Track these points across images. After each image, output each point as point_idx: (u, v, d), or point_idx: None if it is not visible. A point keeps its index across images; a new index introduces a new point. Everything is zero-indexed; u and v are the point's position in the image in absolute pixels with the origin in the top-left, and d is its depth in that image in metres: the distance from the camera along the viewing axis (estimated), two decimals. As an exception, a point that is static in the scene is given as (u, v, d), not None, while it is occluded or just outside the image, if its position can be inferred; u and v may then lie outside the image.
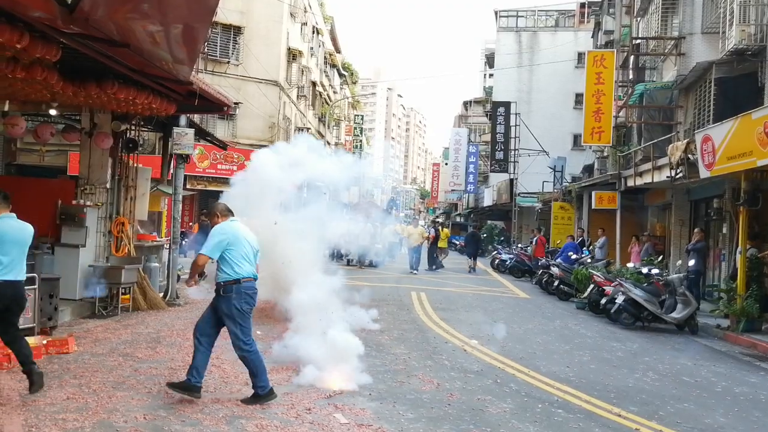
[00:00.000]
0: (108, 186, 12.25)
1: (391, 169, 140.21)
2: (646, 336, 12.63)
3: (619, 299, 13.50)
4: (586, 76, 26.06)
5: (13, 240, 6.12)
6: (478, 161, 54.27)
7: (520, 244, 32.80)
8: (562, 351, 10.47)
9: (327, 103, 47.21)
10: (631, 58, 25.14)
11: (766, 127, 11.33)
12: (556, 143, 40.11)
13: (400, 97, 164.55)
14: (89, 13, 6.26)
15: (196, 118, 13.96)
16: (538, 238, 25.55)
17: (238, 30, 29.82)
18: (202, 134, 15.53)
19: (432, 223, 32.03)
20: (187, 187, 22.74)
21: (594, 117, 25.34)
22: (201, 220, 20.21)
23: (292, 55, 33.29)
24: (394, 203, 74.67)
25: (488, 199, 47.57)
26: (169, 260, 13.42)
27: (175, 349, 8.71)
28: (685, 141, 15.87)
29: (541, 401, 7.25)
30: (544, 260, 21.79)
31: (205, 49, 27.21)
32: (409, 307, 14.22)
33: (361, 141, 60.73)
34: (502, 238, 41.36)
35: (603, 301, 14.19)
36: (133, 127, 12.94)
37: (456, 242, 40.24)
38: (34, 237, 6.50)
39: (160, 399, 6.39)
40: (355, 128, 59.33)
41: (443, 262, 27.35)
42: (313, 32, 39.66)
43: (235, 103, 13.46)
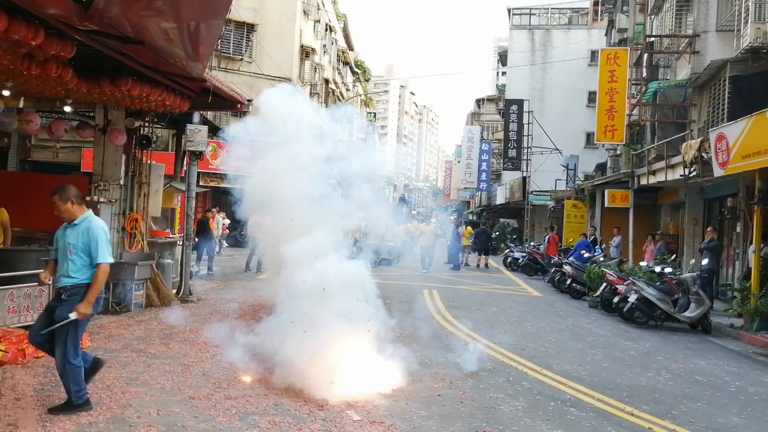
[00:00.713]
0: (121, 182, 12.32)
1: (404, 166, 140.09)
2: (659, 335, 12.57)
3: (632, 298, 13.45)
4: (599, 74, 25.96)
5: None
6: (490, 159, 54.13)
7: (532, 243, 32.69)
8: (575, 349, 10.44)
9: (340, 101, 47.22)
10: (645, 56, 24.99)
11: (782, 126, 11.26)
12: (569, 141, 39.95)
13: (413, 94, 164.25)
14: (104, 10, 6.29)
15: (210, 115, 13.99)
16: (550, 237, 25.48)
17: (251, 27, 29.90)
18: (215, 131, 15.59)
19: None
20: (200, 183, 22.82)
21: (607, 115, 25.25)
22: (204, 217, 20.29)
23: (305, 53, 33.33)
24: (404, 201, 74.37)
25: (501, 197, 47.43)
26: (182, 257, 13.48)
27: (188, 345, 8.75)
28: (699, 139, 15.77)
29: (554, 399, 7.23)
30: (556, 258, 21.73)
31: (219, 47, 27.30)
32: (421, 305, 14.21)
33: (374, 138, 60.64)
34: (515, 236, 41.24)
35: (615, 300, 14.14)
36: (147, 124, 13.00)
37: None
38: (47, 232, 6.53)
39: (174, 395, 6.42)
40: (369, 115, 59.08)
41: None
42: (326, 30, 39.67)
43: (248, 100, 13.46)
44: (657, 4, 23.73)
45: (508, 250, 29.58)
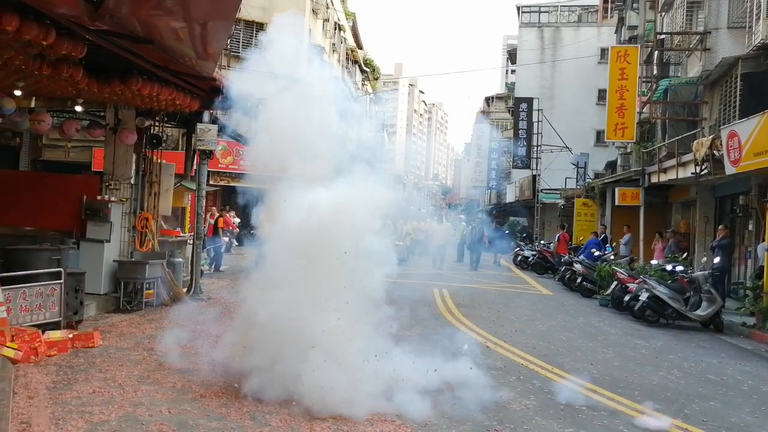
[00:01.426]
0: (132, 182, 12.37)
1: (413, 165, 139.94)
2: (670, 333, 12.51)
3: (643, 296, 13.38)
4: (609, 72, 25.87)
5: None
6: (500, 157, 54.03)
7: (542, 241, 32.57)
8: (586, 348, 10.40)
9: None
10: (655, 54, 24.84)
11: (795, 123, 11.17)
12: (579, 139, 39.83)
13: (422, 93, 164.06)
14: (114, 10, 6.33)
15: (220, 114, 14.02)
16: (561, 235, 25.39)
17: (260, 26, 29.90)
18: (225, 130, 15.60)
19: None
20: (210, 182, 22.87)
21: (617, 113, 25.15)
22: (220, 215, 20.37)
23: (314, 52, 33.36)
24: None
25: (510, 195, 47.33)
26: (193, 255, 13.52)
27: (198, 343, 8.76)
28: (711, 137, 15.68)
29: (565, 398, 7.19)
30: (567, 257, 21.66)
31: (228, 46, 27.33)
32: (431, 304, 14.19)
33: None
34: (525, 235, 41.13)
35: (626, 298, 14.07)
36: (157, 123, 13.04)
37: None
38: (59, 232, 6.56)
39: (185, 393, 6.44)
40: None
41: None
42: (335, 29, 39.66)
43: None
44: (668, 1, 23.61)
45: (518, 249, 29.50)
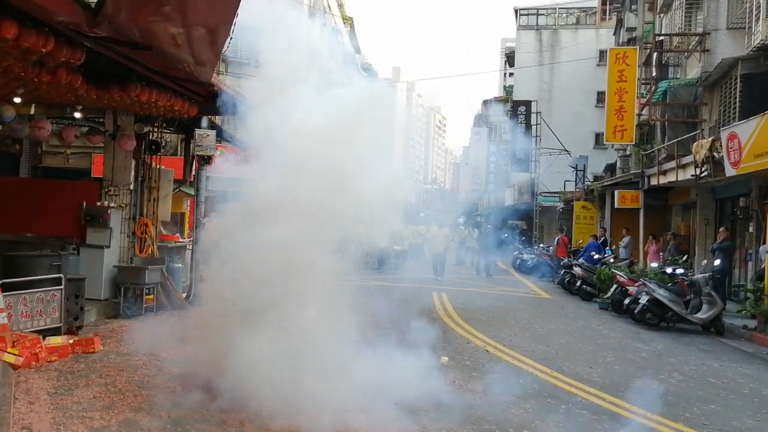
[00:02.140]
0: (131, 187, 12.36)
1: (411, 169, 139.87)
2: (670, 337, 12.50)
3: (643, 299, 13.37)
4: (608, 74, 25.84)
5: None
6: (498, 161, 53.98)
7: (541, 245, 32.55)
8: (586, 351, 10.39)
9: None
10: (654, 55, 24.87)
11: (793, 125, 11.18)
12: (578, 142, 39.78)
13: (420, 96, 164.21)
14: (112, 17, 6.34)
15: (218, 120, 14.03)
16: (560, 238, 25.39)
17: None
18: (223, 136, 15.61)
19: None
20: (209, 188, 22.84)
21: (616, 115, 25.14)
22: None
23: (312, 56, 33.35)
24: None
25: (509, 198, 47.32)
26: (192, 261, 13.51)
27: (198, 348, 8.75)
28: (711, 139, 15.69)
29: (565, 402, 7.20)
30: (566, 260, 21.64)
31: (226, 51, 27.34)
32: (430, 308, 14.18)
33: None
34: (524, 238, 41.08)
35: (626, 301, 14.07)
36: (156, 129, 13.04)
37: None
38: (59, 238, 6.56)
39: (185, 398, 6.43)
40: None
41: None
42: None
43: (257, 105, 13.43)
44: (666, 3, 23.63)
45: (517, 252, 29.49)
